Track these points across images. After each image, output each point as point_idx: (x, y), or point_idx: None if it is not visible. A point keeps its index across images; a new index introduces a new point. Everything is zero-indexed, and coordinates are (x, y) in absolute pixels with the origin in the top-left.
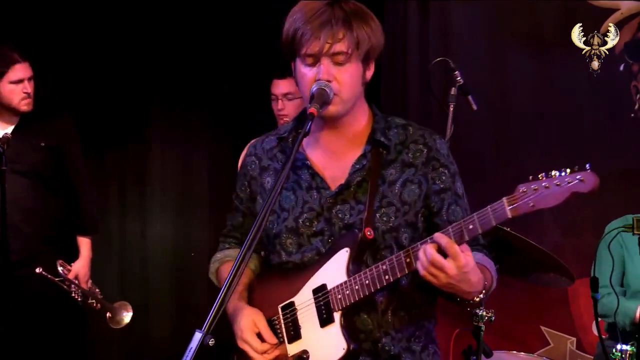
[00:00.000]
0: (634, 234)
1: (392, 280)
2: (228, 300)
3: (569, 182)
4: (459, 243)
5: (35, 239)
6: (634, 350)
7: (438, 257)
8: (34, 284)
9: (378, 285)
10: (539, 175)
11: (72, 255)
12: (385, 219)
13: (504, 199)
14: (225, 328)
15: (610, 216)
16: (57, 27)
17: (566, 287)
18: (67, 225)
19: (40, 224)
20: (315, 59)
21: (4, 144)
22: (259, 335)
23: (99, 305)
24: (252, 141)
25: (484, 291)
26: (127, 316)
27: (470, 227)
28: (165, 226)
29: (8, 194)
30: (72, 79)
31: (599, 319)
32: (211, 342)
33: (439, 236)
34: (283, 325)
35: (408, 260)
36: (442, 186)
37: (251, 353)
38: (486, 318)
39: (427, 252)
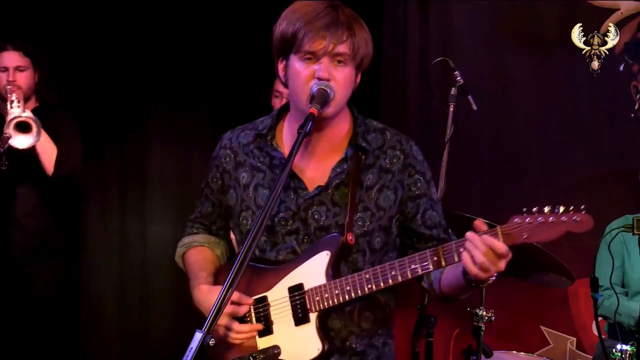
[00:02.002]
0: (634, 234)
1: (375, 289)
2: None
3: (563, 222)
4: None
5: (37, 234)
6: (634, 350)
7: (492, 256)
8: (32, 285)
9: (360, 293)
10: (533, 210)
11: (72, 251)
12: (360, 223)
13: (498, 228)
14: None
15: (610, 216)
16: (56, 27)
17: (566, 287)
18: (67, 221)
19: (42, 219)
20: (316, 58)
21: (4, 144)
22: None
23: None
24: (227, 133)
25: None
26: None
27: (461, 250)
28: (165, 226)
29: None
30: (72, 79)
31: (601, 319)
32: (211, 342)
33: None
34: (254, 318)
35: (394, 272)
36: (417, 192)
37: (228, 333)
38: (486, 318)
39: (483, 255)
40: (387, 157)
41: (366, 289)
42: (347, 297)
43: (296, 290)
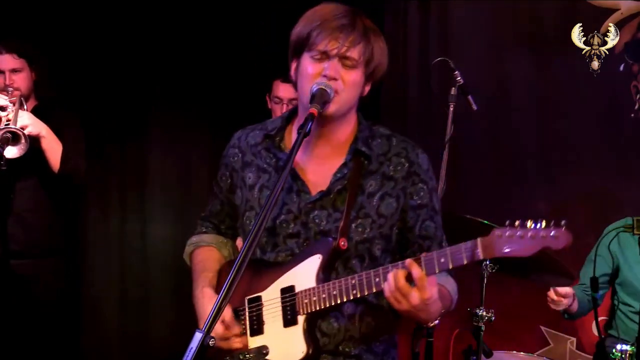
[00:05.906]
0: (633, 234)
1: (359, 296)
2: (222, 297)
3: (542, 237)
4: (429, 274)
5: (38, 229)
6: (634, 350)
7: (405, 286)
8: (32, 285)
9: (345, 298)
10: (516, 223)
11: (73, 251)
12: (360, 229)
13: (478, 240)
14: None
15: (609, 216)
16: (57, 27)
17: None
18: (68, 221)
19: (44, 215)
20: (326, 58)
21: (4, 144)
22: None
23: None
24: (238, 132)
25: (439, 318)
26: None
27: (442, 260)
28: (165, 226)
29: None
30: (72, 79)
31: (601, 320)
32: (211, 342)
33: (411, 264)
34: (247, 318)
35: (377, 279)
36: (419, 202)
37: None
38: (486, 318)
39: (396, 277)
40: (392, 165)
41: (351, 295)
42: (333, 301)
43: (288, 292)
